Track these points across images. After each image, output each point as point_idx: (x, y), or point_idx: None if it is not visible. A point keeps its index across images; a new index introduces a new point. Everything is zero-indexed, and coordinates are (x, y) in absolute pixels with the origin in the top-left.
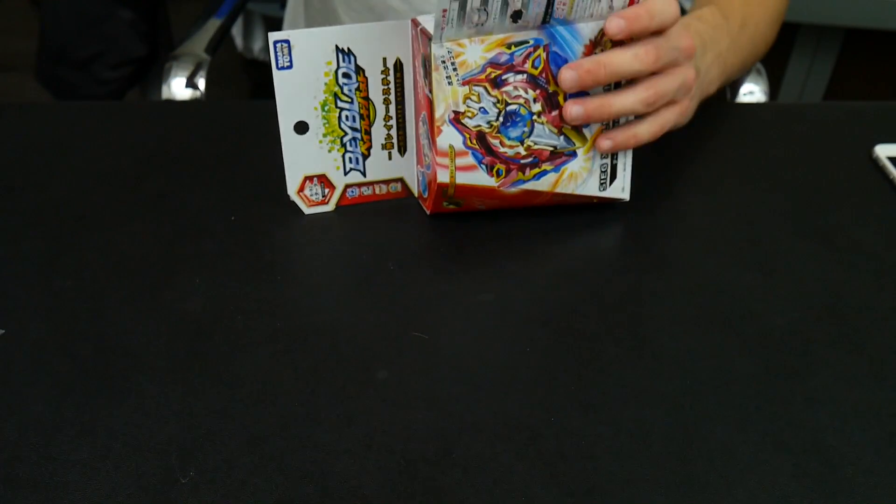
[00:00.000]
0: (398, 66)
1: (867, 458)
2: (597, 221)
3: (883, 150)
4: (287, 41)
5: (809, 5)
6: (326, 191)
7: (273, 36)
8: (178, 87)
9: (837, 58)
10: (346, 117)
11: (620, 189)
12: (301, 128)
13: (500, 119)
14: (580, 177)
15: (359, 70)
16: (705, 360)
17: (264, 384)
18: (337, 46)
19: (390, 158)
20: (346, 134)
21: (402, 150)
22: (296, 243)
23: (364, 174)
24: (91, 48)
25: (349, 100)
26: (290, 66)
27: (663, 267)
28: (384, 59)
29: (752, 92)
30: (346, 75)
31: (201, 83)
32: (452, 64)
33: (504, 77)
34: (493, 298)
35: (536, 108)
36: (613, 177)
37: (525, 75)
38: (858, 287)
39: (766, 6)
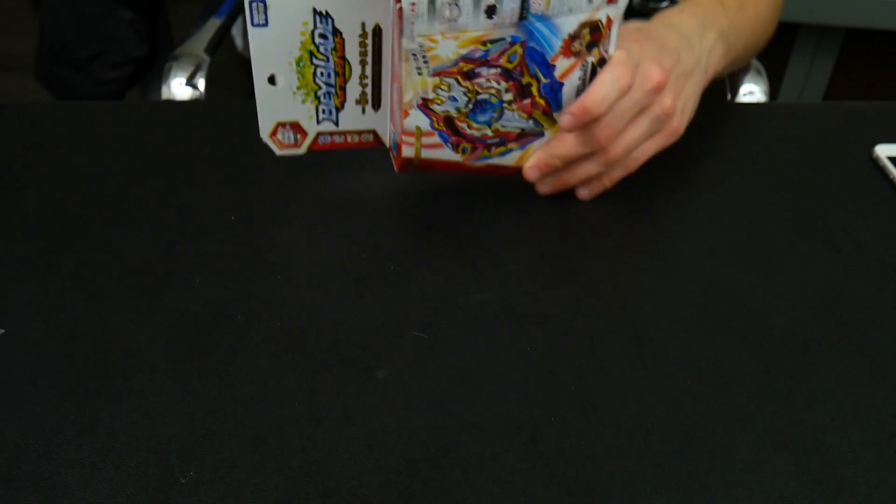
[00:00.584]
0: (377, 32)
1: (867, 458)
2: (597, 221)
3: (883, 150)
4: (263, 2)
5: (809, 5)
6: (298, 136)
7: None
8: (178, 87)
9: (837, 58)
10: (321, 73)
11: None
12: (274, 80)
13: (470, 106)
14: None
15: (336, 32)
16: (705, 360)
17: (264, 384)
18: (315, 9)
19: (364, 112)
20: (320, 88)
21: (377, 105)
22: (295, 243)
23: (337, 125)
24: (91, 48)
25: (325, 58)
26: (265, 24)
27: (663, 267)
28: (363, 24)
29: (752, 92)
30: (322, 36)
31: (201, 83)
32: (423, 57)
33: (477, 70)
34: (493, 298)
35: (508, 97)
36: None
37: (499, 69)
38: (858, 287)
39: None
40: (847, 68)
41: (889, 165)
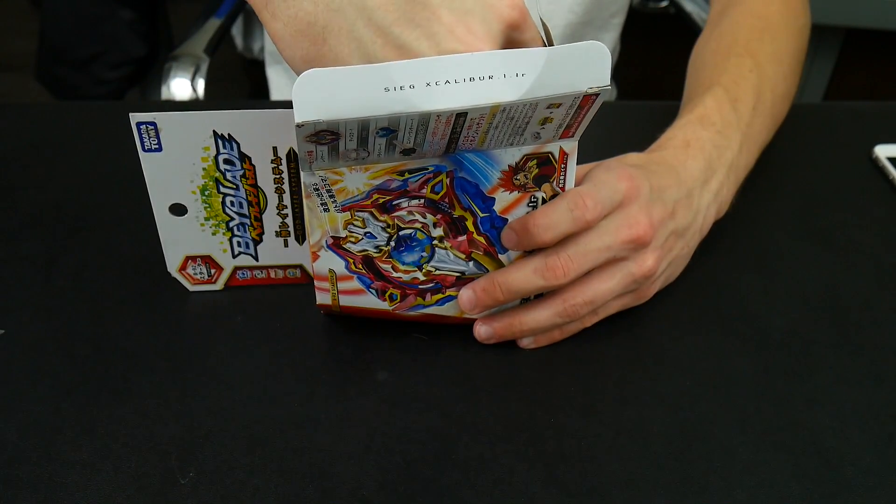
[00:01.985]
0: (292, 157)
1: (867, 458)
2: None
3: (883, 151)
4: (153, 123)
5: (810, 5)
6: (213, 271)
7: (136, 117)
8: (178, 87)
9: (837, 58)
10: (232, 203)
11: None
12: (178, 209)
13: (392, 244)
14: None
15: (244, 157)
16: (705, 361)
17: (264, 384)
18: (215, 132)
19: (286, 245)
20: (232, 219)
21: (301, 238)
22: None
23: (256, 259)
24: (91, 48)
25: (234, 186)
26: (158, 149)
27: None
28: (274, 149)
29: None
30: (228, 161)
31: (201, 83)
32: (328, 191)
33: (395, 202)
34: None
35: (437, 232)
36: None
37: (422, 200)
38: (858, 287)
39: (780, 59)
40: (847, 68)
41: (889, 165)
